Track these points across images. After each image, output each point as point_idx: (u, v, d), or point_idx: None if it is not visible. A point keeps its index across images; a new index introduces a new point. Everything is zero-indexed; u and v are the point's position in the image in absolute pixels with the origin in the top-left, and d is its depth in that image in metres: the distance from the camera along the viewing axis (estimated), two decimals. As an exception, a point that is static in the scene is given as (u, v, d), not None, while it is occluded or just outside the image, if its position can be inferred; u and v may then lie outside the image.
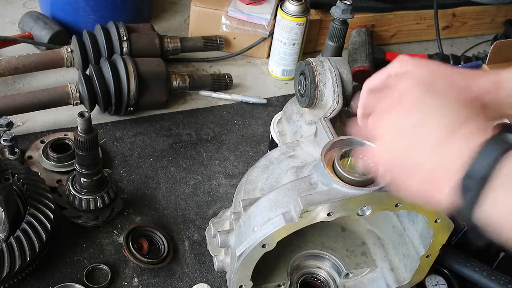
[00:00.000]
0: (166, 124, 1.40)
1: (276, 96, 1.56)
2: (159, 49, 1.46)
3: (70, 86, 1.30)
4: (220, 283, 1.09)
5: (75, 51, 1.40)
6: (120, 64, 1.31)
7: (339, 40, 1.45)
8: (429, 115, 0.64)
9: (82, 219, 1.11)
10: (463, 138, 0.61)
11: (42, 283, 1.03)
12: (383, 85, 0.82)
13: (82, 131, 1.00)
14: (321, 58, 1.04)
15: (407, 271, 0.97)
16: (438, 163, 0.62)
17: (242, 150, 1.37)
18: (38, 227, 0.98)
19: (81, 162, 1.05)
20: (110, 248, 1.11)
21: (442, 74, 0.76)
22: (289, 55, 1.56)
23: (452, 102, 0.65)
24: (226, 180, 1.29)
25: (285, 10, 1.48)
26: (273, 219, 0.80)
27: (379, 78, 0.83)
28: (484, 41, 1.88)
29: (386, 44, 1.80)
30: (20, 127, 1.33)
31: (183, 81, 1.44)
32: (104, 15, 1.55)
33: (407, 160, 0.64)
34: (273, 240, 0.81)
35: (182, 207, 1.21)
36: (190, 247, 1.14)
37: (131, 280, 1.07)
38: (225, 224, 0.99)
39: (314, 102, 1.01)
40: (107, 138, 1.34)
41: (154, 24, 1.61)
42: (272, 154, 1.00)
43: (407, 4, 1.75)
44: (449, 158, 0.61)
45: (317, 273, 1.05)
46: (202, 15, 1.62)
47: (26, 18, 1.55)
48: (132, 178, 1.26)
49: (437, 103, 0.65)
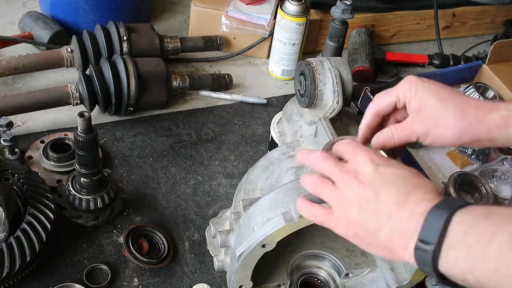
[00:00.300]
0: (166, 124, 1.40)
1: (276, 96, 1.56)
2: (159, 49, 1.46)
3: (70, 86, 1.30)
4: (220, 283, 1.09)
5: (75, 51, 1.40)
6: (120, 64, 1.31)
7: (339, 40, 1.45)
8: (381, 189, 0.67)
9: (82, 219, 1.11)
10: (414, 204, 0.64)
11: (42, 283, 1.04)
12: (390, 109, 0.81)
13: (82, 131, 1.00)
14: (321, 58, 1.04)
15: (407, 271, 0.97)
16: (394, 229, 0.65)
17: (242, 150, 1.37)
18: (38, 227, 0.98)
19: (81, 162, 1.05)
20: (110, 248, 1.11)
21: (452, 104, 0.75)
22: (289, 55, 1.56)
23: (400, 175, 0.68)
24: (226, 180, 1.29)
25: (285, 10, 1.48)
26: (273, 219, 0.80)
27: (387, 101, 0.80)
28: (484, 41, 1.89)
29: (386, 44, 1.80)
30: (20, 127, 1.33)
31: (183, 81, 1.44)
32: (104, 15, 1.55)
33: (368, 227, 0.68)
34: (273, 240, 0.81)
35: (182, 207, 1.21)
36: (190, 247, 1.14)
37: (131, 280, 1.07)
38: (225, 224, 0.99)
39: (314, 102, 1.01)
40: (107, 138, 1.34)
41: (154, 24, 1.61)
42: (272, 154, 1.00)
43: (407, 4, 1.75)
44: (403, 224, 0.64)
45: (317, 273, 1.05)
46: (202, 15, 1.62)
47: (26, 18, 1.55)
48: (132, 178, 1.26)
49: (388, 178, 0.68)
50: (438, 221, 0.60)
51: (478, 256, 0.57)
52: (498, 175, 1.29)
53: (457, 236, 0.59)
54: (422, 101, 0.76)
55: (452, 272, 0.60)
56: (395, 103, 0.80)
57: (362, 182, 0.69)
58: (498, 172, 1.29)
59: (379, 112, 0.81)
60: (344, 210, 0.70)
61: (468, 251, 0.58)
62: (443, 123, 0.75)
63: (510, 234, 0.56)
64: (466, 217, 0.60)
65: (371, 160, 0.70)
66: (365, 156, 0.71)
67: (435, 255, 0.60)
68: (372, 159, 0.71)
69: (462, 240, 0.59)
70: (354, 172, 0.70)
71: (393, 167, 0.70)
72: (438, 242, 0.60)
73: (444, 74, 1.54)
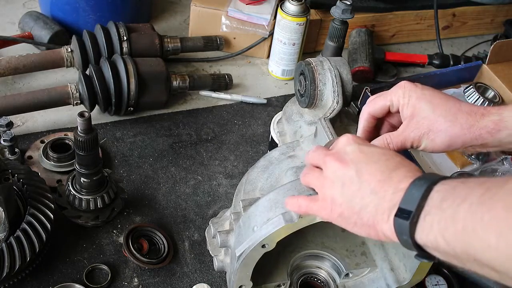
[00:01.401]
0: (166, 124, 1.40)
1: (276, 96, 1.56)
2: (159, 49, 1.46)
3: (70, 86, 1.30)
4: (220, 283, 1.09)
5: (75, 51, 1.40)
6: (120, 64, 1.31)
7: (339, 40, 1.45)
8: (364, 167, 0.68)
9: (82, 219, 1.11)
10: (397, 181, 0.65)
11: (42, 283, 1.04)
12: (384, 113, 0.82)
13: (82, 131, 1.00)
14: (321, 58, 1.04)
15: (407, 271, 0.97)
16: (378, 205, 0.66)
17: (242, 150, 1.37)
18: (38, 227, 0.98)
19: (81, 162, 1.05)
20: (110, 248, 1.11)
21: (444, 111, 0.77)
22: (289, 55, 1.56)
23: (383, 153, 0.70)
24: (226, 180, 1.29)
25: (285, 10, 1.48)
26: (273, 219, 0.80)
27: (381, 105, 0.82)
28: (484, 41, 1.89)
29: (386, 44, 1.80)
30: (20, 127, 1.33)
31: (183, 81, 1.44)
32: (104, 15, 1.55)
33: (352, 205, 0.68)
34: (273, 240, 0.81)
35: (182, 207, 1.21)
36: (190, 247, 1.14)
37: (131, 280, 1.07)
38: (225, 224, 0.99)
39: (314, 102, 1.01)
40: (107, 138, 1.34)
41: (154, 24, 1.61)
42: (272, 154, 1.00)
43: (407, 4, 1.75)
44: (387, 199, 0.65)
45: (317, 273, 1.05)
46: (202, 15, 1.62)
47: (26, 18, 1.55)
48: (132, 178, 1.26)
49: (370, 156, 0.69)
50: (419, 190, 0.62)
51: (449, 217, 0.58)
52: (498, 175, 1.29)
53: (434, 203, 0.60)
54: (415, 107, 0.78)
55: (427, 239, 0.61)
56: (388, 107, 0.82)
57: (344, 161, 0.70)
58: (498, 172, 1.29)
59: (373, 114, 0.84)
60: (327, 190, 0.71)
61: (442, 215, 0.59)
62: (435, 129, 0.77)
63: (480, 195, 0.57)
64: (444, 186, 0.61)
65: (353, 140, 0.72)
66: (347, 136, 0.73)
67: (413, 221, 0.61)
68: (354, 139, 0.73)
69: (438, 206, 0.60)
70: (337, 153, 0.72)
71: (375, 147, 0.72)
72: (416, 209, 0.61)
73: (444, 74, 1.54)
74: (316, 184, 0.74)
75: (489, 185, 0.57)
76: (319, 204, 0.73)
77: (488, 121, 0.75)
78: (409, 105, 0.79)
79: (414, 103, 0.78)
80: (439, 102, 0.78)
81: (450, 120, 0.76)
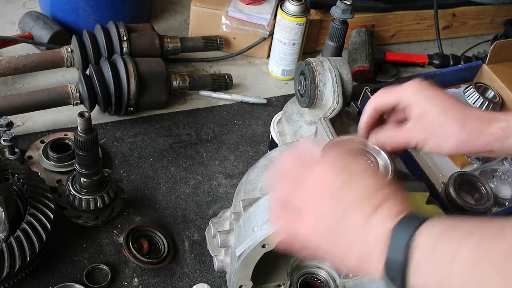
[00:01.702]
0: (166, 124, 1.40)
1: (276, 96, 1.56)
2: (159, 49, 1.46)
3: (70, 86, 1.30)
4: (220, 283, 1.09)
5: (75, 51, 1.40)
6: (120, 64, 1.31)
7: (339, 40, 1.45)
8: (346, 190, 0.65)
9: (82, 219, 1.11)
10: (380, 221, 0.61)
11: (42, 283, 1.04)
12: (389, 109, 0.80)
13: (82, 131, 1.00)
14: (321, 58, 1.04)
15: (407, 271, 0.97)
16: (366, 242, 0.62)
17: (242, 150, 1.37)
18: (38, 227, 0.98)
19: (81, 162, 1.05)
20: (110, 248, 1.11)
21: (454, 116, 0.75)
22: (289, 55, 1.56)
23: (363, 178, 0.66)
24: (226, 180, 1.29)
25: (285, 10, 1.48)
26: (273, 219, 0.80)
27: (388, 100, 0.80)
28: (484, 41, 1.89)
29: (386, 44, 1.80)
30: (20, 127, 1.33)
31: (183, 81, 1.44)
32: (104, 15, 1.55)
33: (340, 240, 0.64)
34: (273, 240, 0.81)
35: (182, 207, 1.21)
36: (190, 247, 1.14)
37: (131, 280, 1.07)
38: (225, 224, 0.99)
39: (314, 102, 1.01)
40: (107, 138, 1.34)
41: (154, 24, 1.61)
42: (272, 154, 1.00)
43: (407, 4, 1.75)
44: (373, 237, 0.61)
45: (317, 273, 1.05)
46: (202, 15, 1.62)
47: (26, 18, 1.55)
48: (132, 178, 1.26)
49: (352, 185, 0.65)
50: (401, 244, 0.58)
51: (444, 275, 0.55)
52: (498, 175, 1.29)
53: (421, 257, 0.57)
54: (425, 110, 0.76)
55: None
56: (395, 104, 0.80)
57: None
58: (498, 172, 1.29)
59: (378, 109, 0.81)
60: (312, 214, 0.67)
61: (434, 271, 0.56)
62: (443, 134, 0.75)
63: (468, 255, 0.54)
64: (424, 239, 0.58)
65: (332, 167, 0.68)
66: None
67: (403, 277, 0.58)
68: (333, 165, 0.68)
69: (425, 261, 0.57)
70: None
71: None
72: (403, 266, 0.58)
73: (444, 74, 1.54)
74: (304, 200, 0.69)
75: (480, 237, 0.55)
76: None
77: (496, 127, 0.74)
78: (418, 106, 0.77)
79: (424, 105, 0.76)
80: (450, 106, 0.76)
81: (458, 126, 0.74)
